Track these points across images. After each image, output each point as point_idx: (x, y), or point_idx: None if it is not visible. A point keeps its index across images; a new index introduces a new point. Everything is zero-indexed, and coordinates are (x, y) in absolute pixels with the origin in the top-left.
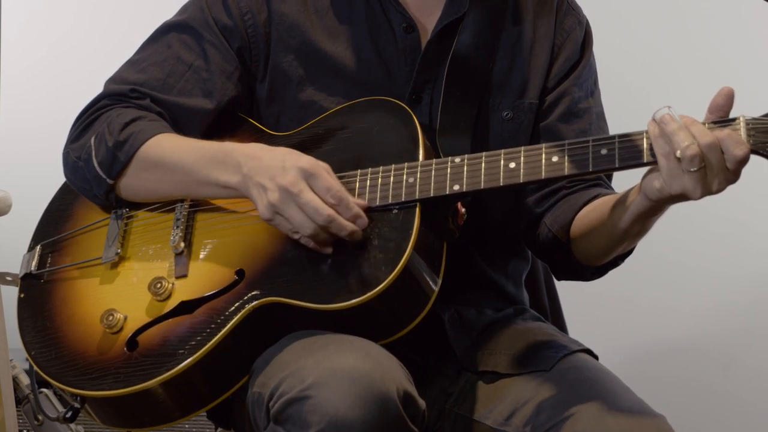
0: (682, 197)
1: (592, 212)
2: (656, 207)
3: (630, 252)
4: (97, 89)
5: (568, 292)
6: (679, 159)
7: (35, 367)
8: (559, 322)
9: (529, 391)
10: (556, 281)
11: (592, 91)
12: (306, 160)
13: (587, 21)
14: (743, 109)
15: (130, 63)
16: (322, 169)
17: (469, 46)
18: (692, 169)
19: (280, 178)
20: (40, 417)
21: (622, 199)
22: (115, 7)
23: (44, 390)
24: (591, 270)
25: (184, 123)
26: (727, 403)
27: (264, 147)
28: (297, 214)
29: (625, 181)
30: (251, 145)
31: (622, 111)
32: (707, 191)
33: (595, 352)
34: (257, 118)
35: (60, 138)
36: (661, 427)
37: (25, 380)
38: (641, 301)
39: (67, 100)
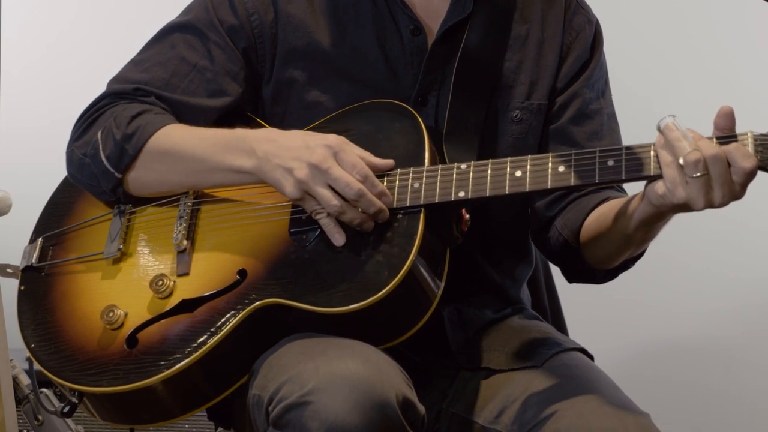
0: (685, 207)
1: (599, 217)
2: (659, 214)
3: (641, 255)
4: (98, 88)
5: (568, 292)
6: (681, 166)
7: (34, 361)
8: (559, 323)
9: (518, 389)
10: (556, 281)
11: (603, 91)
12: (332, 138)
13: (597, 20)
14: (748, 113)
15: (134, 63)
16: (347, 144)
17: (476, 47)
18: (695, 175)
19: (306, 156)
20: (40, 417)
21: (627, 206)
22: (115, 7)
23: (44, 390)
24: (602, 273)
25: (188, 121)
26: (727, 403)
27: (276, 130)
28: (326, 191)
29: (635, 185)
30: (263, 129)
31: (626, 116)
32: (710, 202)
33: (596, 352)
34: (262, 119)
35: (60, 138)
36: (644, 425)
37: (25, 380)
38: (642, 302)
39: (67, 100)
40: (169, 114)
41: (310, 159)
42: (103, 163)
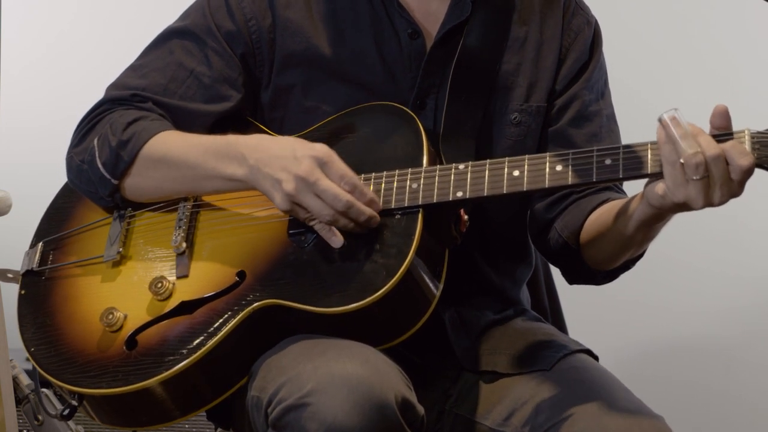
0: (684, 206)
1: (599, 218)
2: (658, 215)
3: (641, 256)
4: (97, 88)
5: (568, 292)
6: (683, 165)
7: (34, 364)
8: (559, 323)
9: (528, 392)
10: (556, 281)
11: (603, 92)
12: (319, 148)
13: (596, 21)
14: (746, 111)
15: (132, 69)
16: (334, 155)
17: (474, 50)
18: (695, 177)
19: (294, 167)
20: (40, 417)
21: (626, 206)
22: (115, 6)
23: (44, 390)
24: (602, 274)
25: (185, 126)
26: (727, 403)
27: (267, 137)
28: (315, 202)
29: (634, 186)
30: (254, 136)
31: (626, 116)
32: (709, 202)
33: (596, 352)
34: (261, 123)
35: (60, 138)
36: (659, 428)
37: (25, 380)
38: (642, 302)
39: (67, 100)
40: (166, 120)
41: (297, 171)
42: (99, 169)
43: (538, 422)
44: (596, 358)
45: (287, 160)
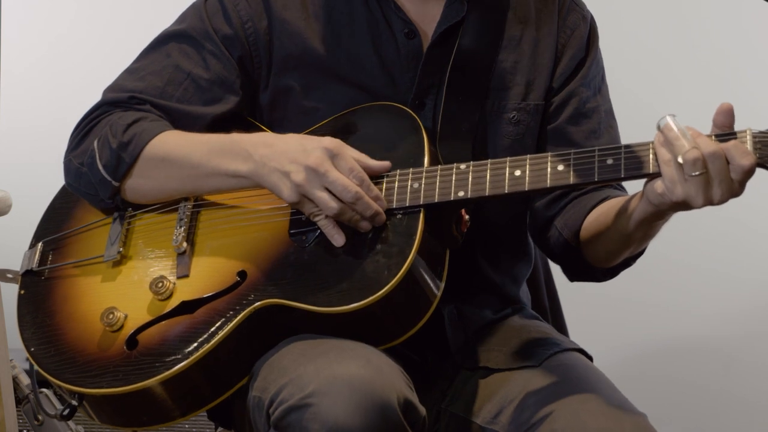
0: (684, 205)
1: (599, 217)
2: (658, 213)
3: (641, 253)
4: (98, 88)
5: (568, 292)
6: (680, 165)
7: (34, 364)
8: (559, 322)
9: (516, 389)
10: (555, 281)
11: (600, 87)
12: (329, 140)
13: (591, 16)
14: (745, 112)
15: (129, 71)
16: (345, 148)
17: (470, 49)
18: (694, 174)
19: (303, 159)
20: (40, 417)
21: (626, 205)
22: (115, 6)
23: (44, 390)
24: (603, 271)
25: (184, 128)
26: (727, 403)
27: (271, 135)
28: (323, 193)
29: (634, 185)
30: (258, 134)
31: (624, 116)
32: (708, 200)
33: (595, 352)
34: (261, 124)
35: (60, 138)
36: (639, 425)
37: (25, 380)
38: (641, 302)
39: (67, 100)
40: (165, 121)
41: (306, 162)
42: (100, 171)
43: (522, 419)
44: (590, 357)
45: (296, 153)
